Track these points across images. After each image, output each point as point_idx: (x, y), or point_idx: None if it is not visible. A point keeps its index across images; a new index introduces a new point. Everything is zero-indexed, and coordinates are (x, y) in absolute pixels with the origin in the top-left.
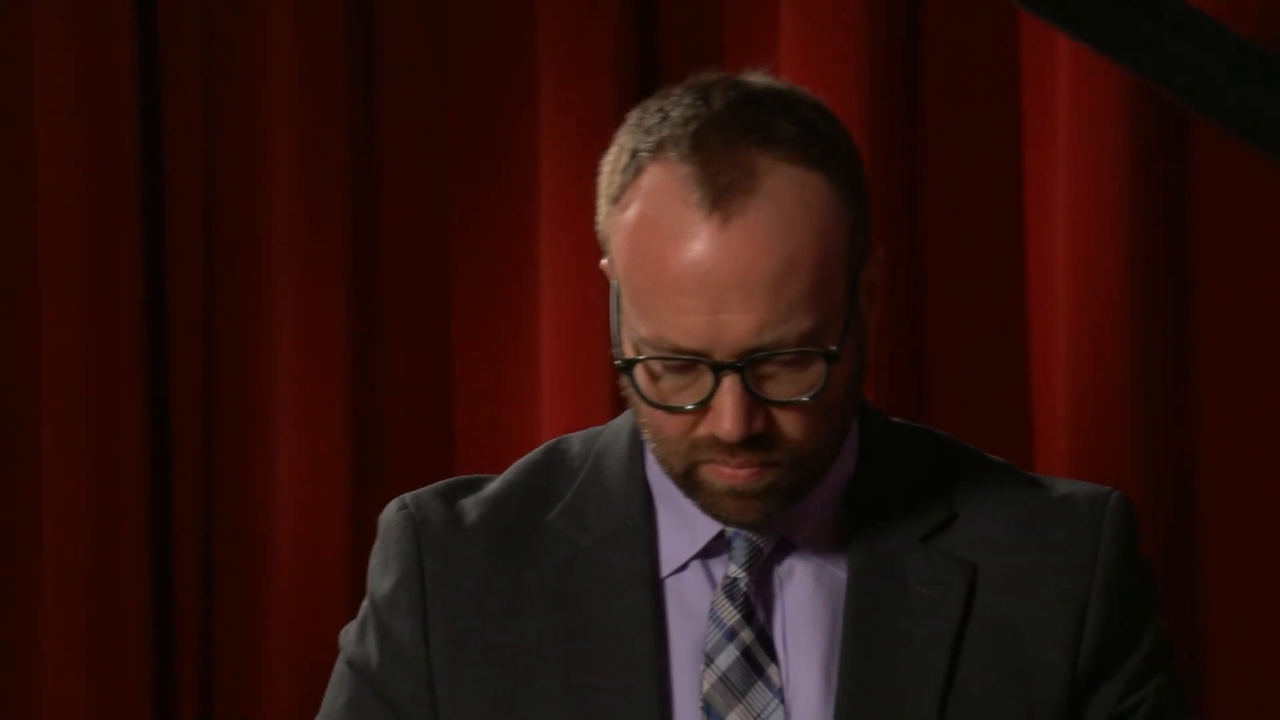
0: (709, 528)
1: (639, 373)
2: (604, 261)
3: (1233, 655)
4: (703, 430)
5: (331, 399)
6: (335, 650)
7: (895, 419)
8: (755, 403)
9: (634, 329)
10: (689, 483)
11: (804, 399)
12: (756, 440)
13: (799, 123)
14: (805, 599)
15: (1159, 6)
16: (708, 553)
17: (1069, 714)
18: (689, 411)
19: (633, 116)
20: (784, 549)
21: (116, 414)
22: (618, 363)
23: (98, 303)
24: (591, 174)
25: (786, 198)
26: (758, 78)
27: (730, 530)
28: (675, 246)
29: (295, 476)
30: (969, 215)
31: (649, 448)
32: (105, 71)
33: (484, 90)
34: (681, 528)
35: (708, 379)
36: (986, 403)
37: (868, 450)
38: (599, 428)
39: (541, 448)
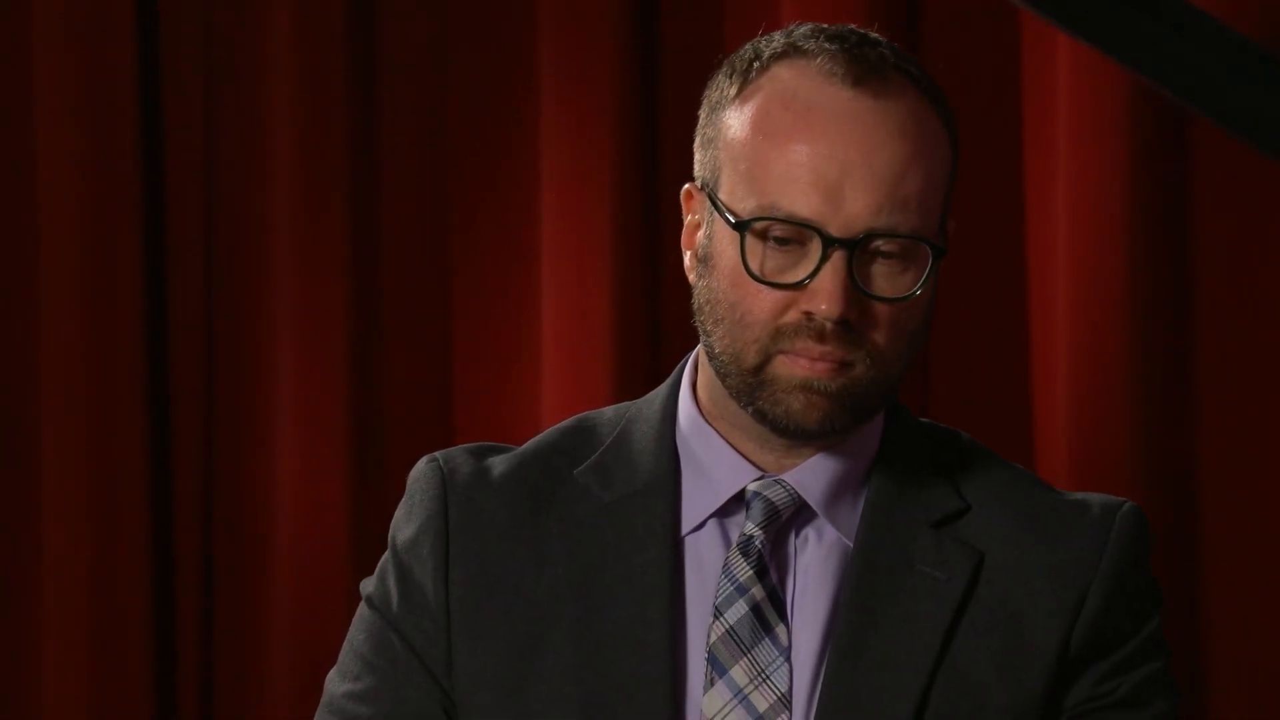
0: (730, 486)
1: (749, 241)
2: (686, 187)
3: (1233, 655)
4: (791, 315)
5: (331, 399)
6: (335, 651)
7: (923, 419)
8: (854, 290)
9: (737, 213)
10: (758, 379)
11: (903, 296)
12: (845, 329)
13: (918, 67)
14: (817, 566)
15: (1159, 6)
16: (725, 512)
17: (1052, 695)
18: (787, 288)
19: (744, 48)
20: (802, 516)
21: (116, 414)
22: (731, 221)
23: (98, 303)
24: (591, 173)
25: (916, 107)
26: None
27: (750, 490)
28: (811, 117)
29: (295, 476)
30: (969, 215)
31: (718, 351)
32: (105, 71)
33: (484, 90)
34: (704, 486)
35: (813, 257)
36: (986, 403)
37: (892, 437)
38: (631, 401)
39: (574, 416)
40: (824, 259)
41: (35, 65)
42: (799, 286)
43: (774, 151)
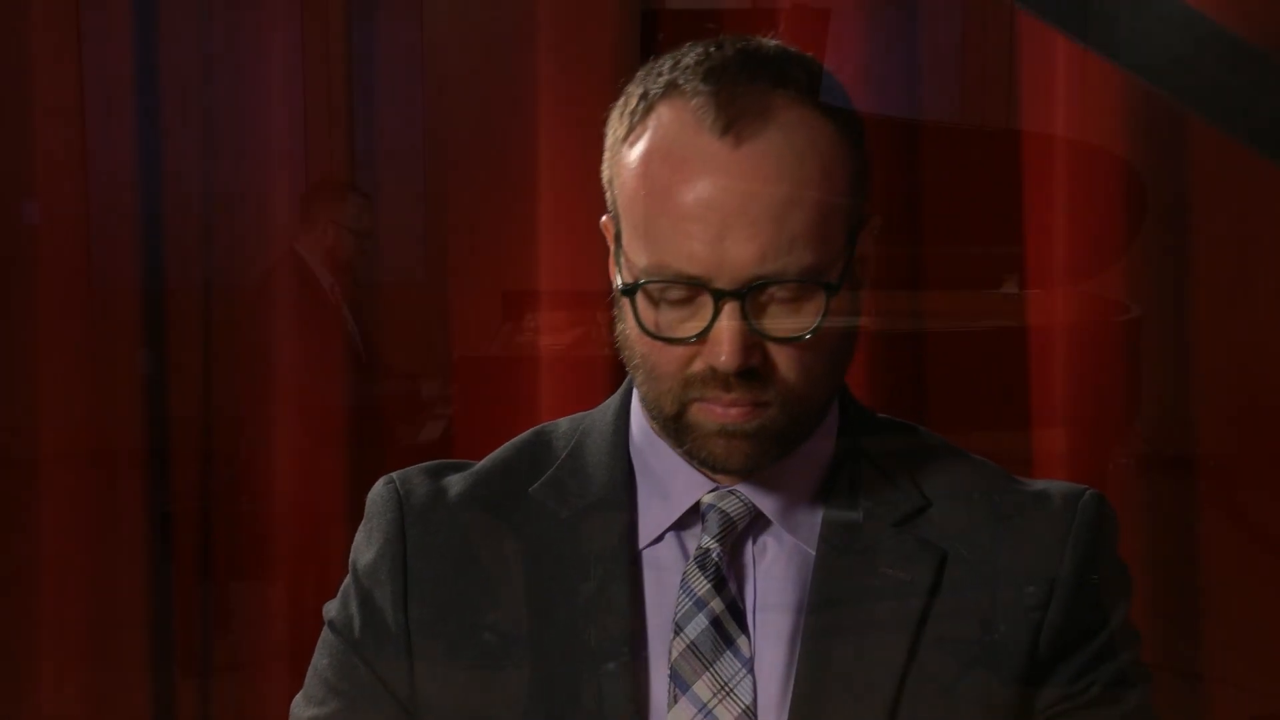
0: (685, 499)
1: (640, 301)
2: (604, 219)
3: (1233, 656)
4: (698, 365)
5: (331, 399)
6: None
7: (880, 414)
8: (753, 335)
9: (634, 264)
10: (679, 426)
11: (800, 336)
12: (751, 375)
13: (809, 74)
14: (777, 574)
15: (1158, 6)
16: (682, 525)
17: (1024, 693)
18: (686, 343)
19: (642, 69)
20: (759, 525)
21: (117, 413)
22: (618, 287)
23: (97, 302)
24: (591, 174)
25: (797, 133)
26: (770, 40)
27: (705, 502)
28: (686, 171)
29: (295, 476)
30: (969, 216)
31: (640, 395)
32: (105, 71)
33: (484, 91)
34: (659, 499)
35: (707, 310)
36: (986, 401)
37: (847, 436)
38: (586, 411)
39: (530, 430)
40: (716, 312)
41: (35, 65)
42: (698, 340)
43: (657, 208)
